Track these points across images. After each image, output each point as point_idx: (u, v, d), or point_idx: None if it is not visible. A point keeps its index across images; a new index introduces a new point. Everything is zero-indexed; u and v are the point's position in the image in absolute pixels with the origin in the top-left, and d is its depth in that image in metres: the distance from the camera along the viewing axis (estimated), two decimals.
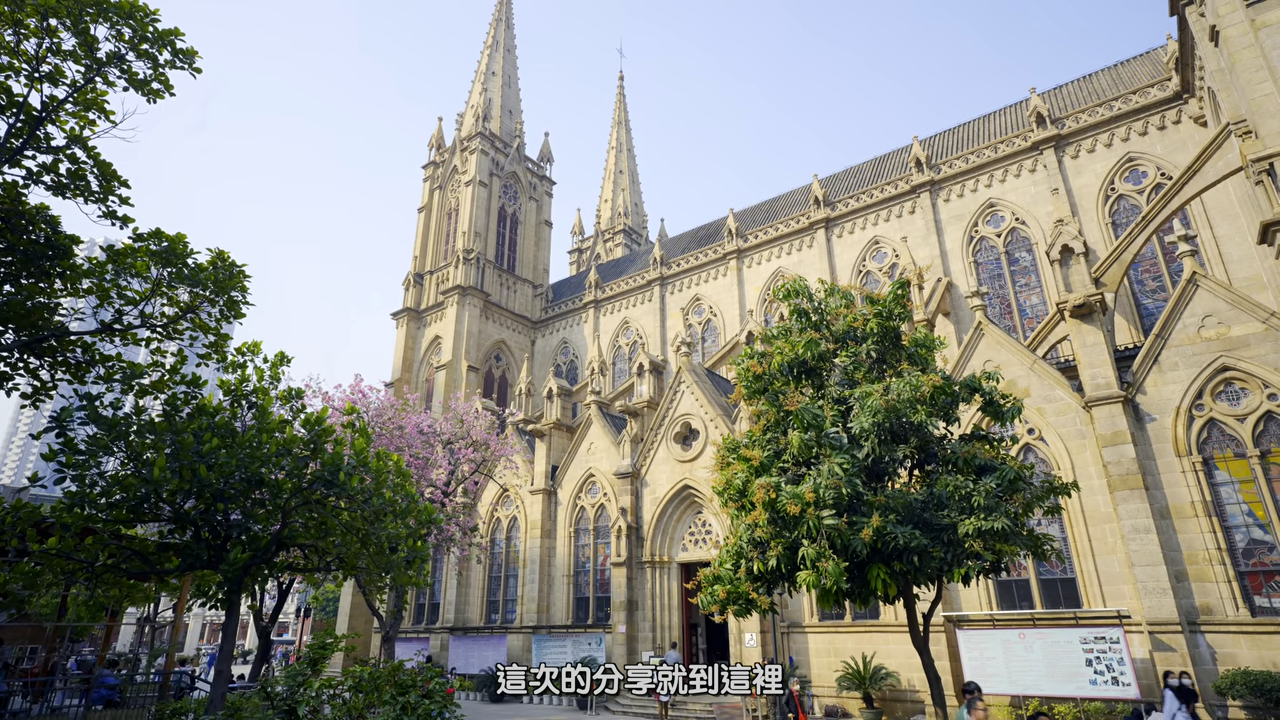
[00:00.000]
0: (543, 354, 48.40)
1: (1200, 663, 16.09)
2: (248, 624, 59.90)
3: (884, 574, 11.34)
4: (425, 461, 22.87)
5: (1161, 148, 28.19)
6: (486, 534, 33.25)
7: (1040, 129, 30.87)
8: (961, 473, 12.19)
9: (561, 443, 32.75)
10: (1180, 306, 18.38)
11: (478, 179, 49.08)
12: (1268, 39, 17.95)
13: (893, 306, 13.50)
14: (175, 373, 11.12)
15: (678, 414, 27.74)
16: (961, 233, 32.36)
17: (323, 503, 10.96)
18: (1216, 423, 17.41)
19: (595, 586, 29.18)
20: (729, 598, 12.34)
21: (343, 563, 11.82)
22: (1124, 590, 17.56)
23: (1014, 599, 19.34)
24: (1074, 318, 19.55)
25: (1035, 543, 12.48)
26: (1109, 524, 18.13)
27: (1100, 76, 33.09)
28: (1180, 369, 18.03)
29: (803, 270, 36.22)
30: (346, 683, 7.68)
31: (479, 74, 56.12)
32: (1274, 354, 16.91)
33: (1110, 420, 18.34)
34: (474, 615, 32.76)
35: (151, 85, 10.29)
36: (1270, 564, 16.19)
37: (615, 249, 64.18)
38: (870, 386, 12.23)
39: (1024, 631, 17.42)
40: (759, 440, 13.22)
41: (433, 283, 49.02)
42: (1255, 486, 16.63)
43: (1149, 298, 27.55)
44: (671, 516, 27.29)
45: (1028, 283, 30.62)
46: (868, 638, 20.89)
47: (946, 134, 37.24)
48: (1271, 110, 17.53)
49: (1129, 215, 28.20)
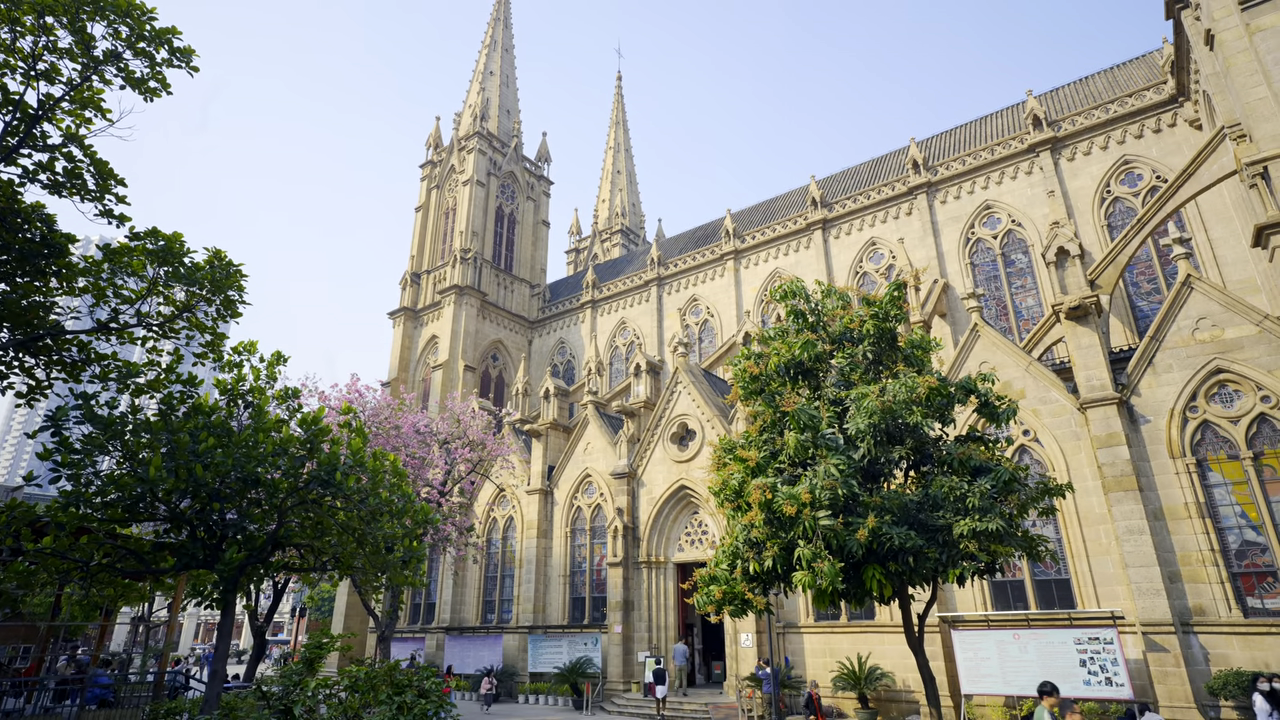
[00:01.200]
0: (540, 354, 48.39)
1: (1193, 663, 16.17)
2: (243, 624, 59.75)
3: (879, 575, 11.38)
4: (422, 461, 22.85)
5: (1157, 150, 28.31)
6: (483, 534, 33.24)
7: (1037, 131, 30.97)
8: (957, 474, 12.24)
9: (558, 443, 32.76)
10: (1175, 309, 18.46)
11: (475, 178, 49.05)
12: (1262, 43, 18.04)
13: (889, 308, 13.55)
14: (171, 372, 11.10)
15: (674, 414, 27.76)
16: (958, 234, 32.45)
17: (319, 502, 10.95)
18: (1210, 425, 17.49)
19: (591, 587, 29.20)
20: (725, 598, 12.37)
21: (338, 562, 11.81)
22: (1118, 591, 17.64)
23: (1009, 600, 19.40)
24: (1069, 320, 19.62)
25: (1030, 544, 12.54)
26: (1103, 525, 18.20)
27: (1096, 79, 33.21)
28: (1174, 371, 18.10)
29: (800, 271, 36.28)
30: (342, 682, 7.67)
31: (477, 73, 56.09)
32: (1267, 356, 17.00)
33: (1105, 422, 18.41)
34: (470, 615, 32.74)
35: (149, 84, 10.28)
36: (1263, 565, 16.27)
37: (613, 249, 64.19)
38: (866, 388, 12.27)
39: (1018, 632, 17.48)
40: (755, 441, 13.25)
41: (430, 282, 48.99)
42: (1248, 488, 16.71)
43: (1144, 300, 27.66)
44: (668, 517, 27.31)
45: (1024, 284, 30.72)
46: (863, 638, 20.94)
47: (943, 136, 37.33)
48: (1266, 114, 17.62)
49: (1125, 218, 28.31)
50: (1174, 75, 27.56)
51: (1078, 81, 34.07)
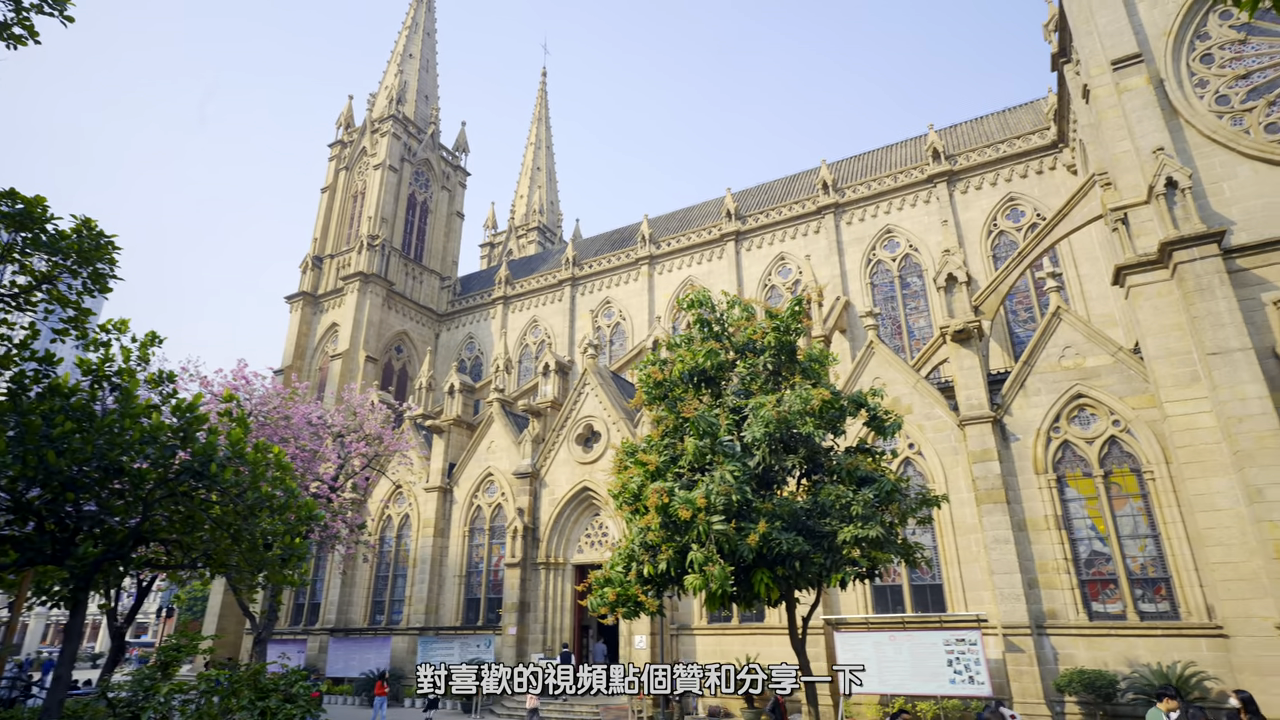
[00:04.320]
0: (447, 348, 47.15)
1: (1044, 663, 17.63)
2: (101, 625, 54.89)
3: (768, 578, 11.78)
4: (313, 455, 21.73)
5: (1038, 191, 30.78)
6: (376, 532, 32.00)
7: (935, 164, 33.00)
8: (844, 483, 12.85)
9: (461, 440, 32.01)
10: (1045, 337, 20.11)
11: (388, 163, 47.29)
12: (1129, 101, 19.97)
13: (790, 322, 14.06)
14: (25, 348, 10.07)
15: (581, 415, 27.71)
16: (861, 255, 34.09)
17: (190, 495, 10.21)
18: (1070, 444, 19.15)
19: (488, 587, 28.68)
20: (618, 600, 12.46)
21: (210, 560, 11.05)
22: (984, 596, 19.00)
23: (888, 603, 20.51)
24: (954, 342, 20.99)
25: (908, 551, 13.32)
26: (974, 534, 19.56)
27: (990, 120, 35.75)
28: (1043, 394, 19.71)
29: (712, 280, 37.06)
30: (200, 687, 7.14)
31: (395, 55, 54.13)
32: (1120, 384, 18.80)
33: (981, 438, 19.81)
34: (358, 616, 31.43)
35: (13, 30, 9.31)
36: (1107, 574, 17.96)
37: (528, 246, 63.43)
38: (765, 397, 12.69)
39: (895, 634, 18.52)
40: (656, 445, 13.43)
41: (333, 267, 46.79)
42: (1098, 503, 18.41)
43: (1021, 327, 29.96)
44: (569, 518, 27.22)
45: (917, 306, 32.62)
46: (752, 640, 21.58)
47: (852, 160, 39.14)
48: (1128, 166, 19.51)
49: (1008, 250, 30.59)
50: (1056, 123, 30.06)
51: (974, 120, 36.55)
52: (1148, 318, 17.97)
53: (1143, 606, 17.35)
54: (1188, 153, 18.94)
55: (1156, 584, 17.39)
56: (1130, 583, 17.57)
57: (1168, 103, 19.59)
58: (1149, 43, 20.42)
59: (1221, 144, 18.59)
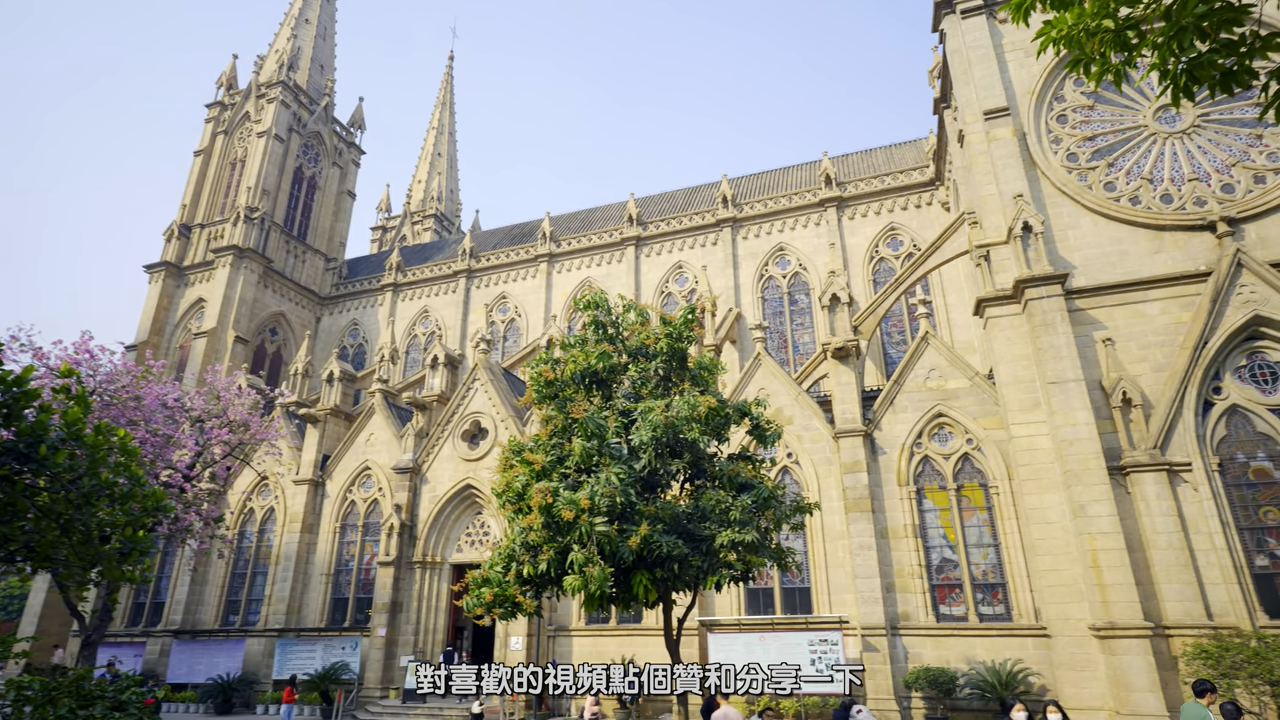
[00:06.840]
0: (328, 333, 44.64)
1: (896, 661, 18.93)
2: None
3: (646, 580, 11.95)
4: (166, 440, 19.91)
5: (916, 223, 33.16)
6: (236, 526, 29.75)
7: (827, 189, 34.81)
8: (725, 488, 13.26)
9: (338, 431, 30.38)
10: (914, 359, 21.67)
11: (274, 131, 44.23)
12: (996, 150, 21.91)
13: (683, 329, 14.36)
14: None
15: (468, 411, 27.04)
16: (755, 269, 35.37)
17: (12, 480, 9.07)
18: (929, 459, 20.71)
19: (358, 587, 27.35)
20: (495, 600, 12.26)
21: (33, 553, 9.84)
22: (847, 599, 20.16)
23: (760, 605, 21.34)
24: (834, 358, 22.20)
25: (780, 555, 13.91)
26: (842, 540, 20.74)
27: (878, 153, 38.15)
28: (909, 411, 21.21)
29: (611, 283, 37.24)
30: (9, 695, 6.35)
31: (289, 18, 50.75)
32: (974, 406, 20.55)
33: (852, 450, 21.04)
34: (208, 617, 29.05)
35: None
36: (954, 579, 19.55)
37: (424, 233, 61.22)
38: (654, 402, 12.89)
39: (765, 635, 19.32)
40: (544, 445, 13.32)
41: (203, 238, 43.17)
42: (950, 514, 20.03)
43: (894, 348, 32.12)
44: (450, 516, 26.47)
45: (803, 322, 34.23)
46: (629, 641, 21.81)
47: (752, 177, 40.56)
48: (993, 208, 21.39)
49: (887, 276, 32.71)
50: (935, 162, 32.52)
51: (864, 152, 38.86)
52: (1001, 347, 19.76)
53: (983, 609, 19.02)
54: (1042, 201, 21.01)
55: (995, 589, 19.12)
56: (973, 588, 19.22)
57: (1029, 154, 21.66)
58: (1016, 99, 22.50)
59: (1069, 196, 20.77)
